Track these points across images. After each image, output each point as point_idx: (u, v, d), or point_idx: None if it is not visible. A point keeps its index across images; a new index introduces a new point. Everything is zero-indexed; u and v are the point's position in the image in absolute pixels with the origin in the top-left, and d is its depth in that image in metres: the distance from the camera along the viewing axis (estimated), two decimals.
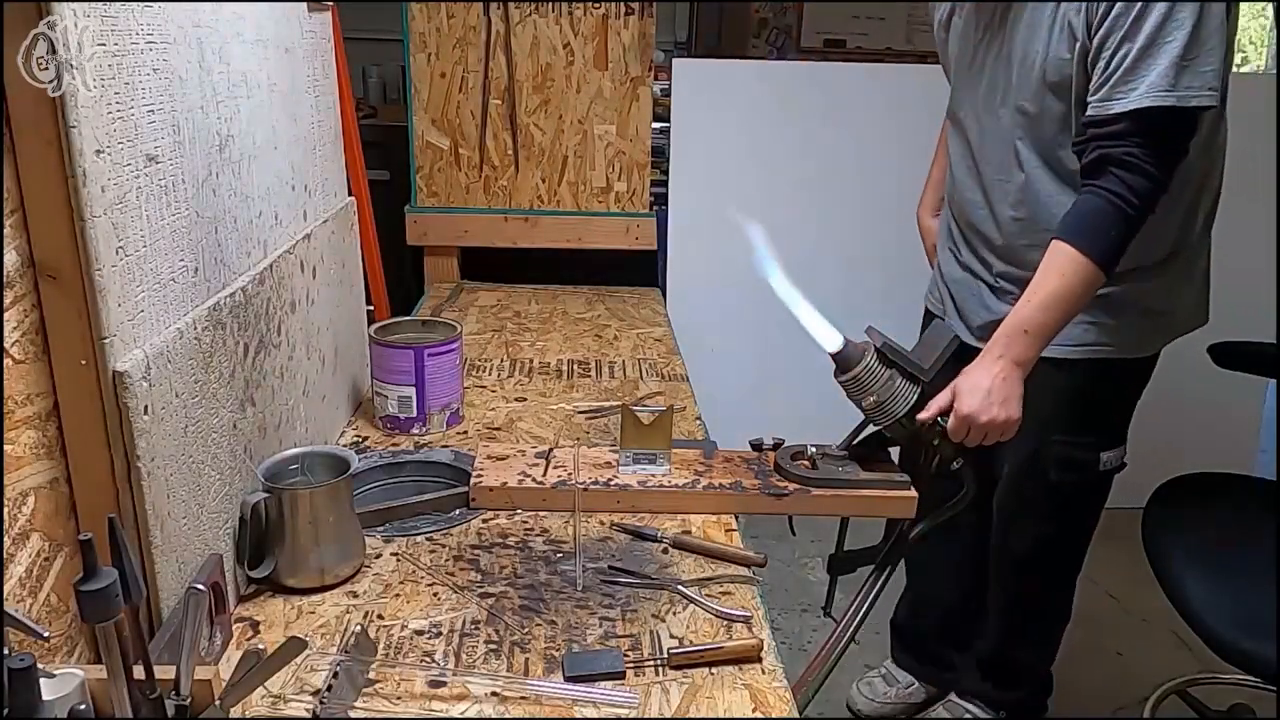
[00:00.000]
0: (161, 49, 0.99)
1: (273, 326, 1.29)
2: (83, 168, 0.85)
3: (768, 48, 4.51)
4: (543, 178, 2.54)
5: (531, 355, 2.08)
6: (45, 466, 0.90)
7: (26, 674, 0.72)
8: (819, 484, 1.41)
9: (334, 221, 1.62)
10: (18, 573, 0.86)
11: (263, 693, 0.99)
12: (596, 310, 2.44)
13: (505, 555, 1.29)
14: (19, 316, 0.86)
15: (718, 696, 1.03)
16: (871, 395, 1.38)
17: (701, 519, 1.39)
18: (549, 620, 1.15)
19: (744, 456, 1.51)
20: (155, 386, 0.96)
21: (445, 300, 2.46)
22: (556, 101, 2.48)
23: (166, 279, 1.01)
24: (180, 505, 1.02)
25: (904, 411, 1.38)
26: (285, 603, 1.17)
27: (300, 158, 1.46)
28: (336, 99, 1.66)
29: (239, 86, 1.21)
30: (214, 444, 1.10)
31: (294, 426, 1.38)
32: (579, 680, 1.03)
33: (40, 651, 0.88)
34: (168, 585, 1.00)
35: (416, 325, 1.74)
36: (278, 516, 1.17)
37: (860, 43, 4.43)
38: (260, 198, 1.29)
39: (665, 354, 2.13)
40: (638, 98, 2.49)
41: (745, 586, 1.24)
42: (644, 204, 2.58)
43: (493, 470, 1.44)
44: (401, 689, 1.02)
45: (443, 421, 1.67)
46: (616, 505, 1.41)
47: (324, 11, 1.59)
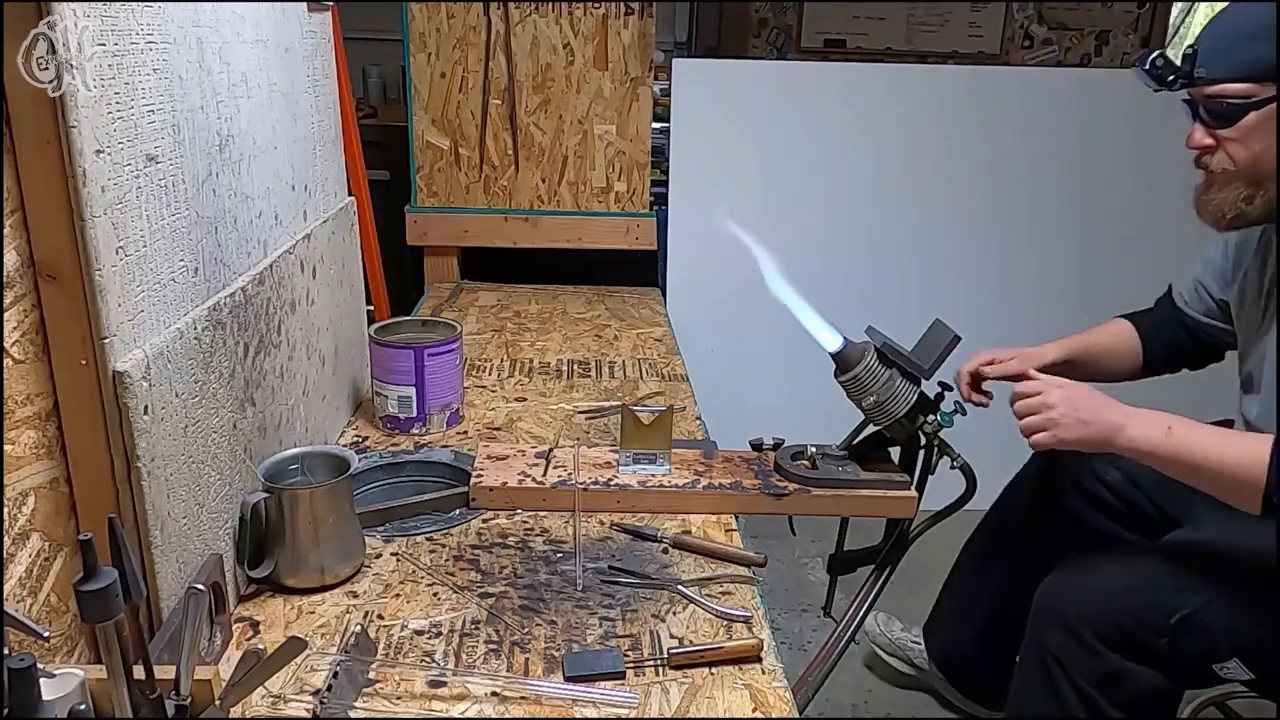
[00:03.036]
0: (161, 49, 0.99)
1: (273, 326, 1.29)
2: (83, 168, 0.85)
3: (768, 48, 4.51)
4: (543, 178, 2.54)
5: (531, 355, 2.08)
6: (45, 466, 0.90)
7: (26, 674, 0.72)
8: (819, 484, 1.42)
9: (334, 221, 1.62)
10: (18, 573, 0.86)
11: (263, 693, 0.99)
12: (596, 310, 2.44)
13: (505, 555, 1.29)
14: (19, 316, 0.86)
15: (718, 696, 1.03)
16: (871, 395, 1.38)
17: (701, 519, 1.39)
18: (549, 620, 1.15)
19: (744, 456, 1.51)
20: (155, 386, 0.96)
21: (445, 300, 2.46)
22: (556, 101, 2.48)
23: (166, 279, 1.01)
24: (180, 505, 1.02)
25: (904, 411, 1.38)
26: (285, 603, 1.17)
27: (300, 158, 1.46)
28: (336, 99, 1.66)
29: (239, 86, 1.21)
30: (214, 444, 1.10)
31: (294, 426, 1.38)
32: (579, 680, 1.03)
33: (40, 651, 0.88)
34: (168, 585, 1.00)
35: (416, 325, 1.74)
36: (278, 516, 1.17)
37: (860, 43, 4.43)
38: (260, 198, 1.29)
39: (665, 354, 2.13)
40: (638, 98, 2.49)
41: (745, 586, 1.24)
42: (644, 204, 2.58)
43: (493, 470, 1.44)
44: (401, 689, 1.02)
45: (443, 421, 1.67)
46: (616, 505, 1.41)
47: (324, 11, 1.59)
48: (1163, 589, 1.33)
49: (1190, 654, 1.31)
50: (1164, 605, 1.31)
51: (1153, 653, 1.31)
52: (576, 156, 2.53)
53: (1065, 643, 1.35)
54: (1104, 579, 1.40)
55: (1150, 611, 1.31)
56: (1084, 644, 1.33)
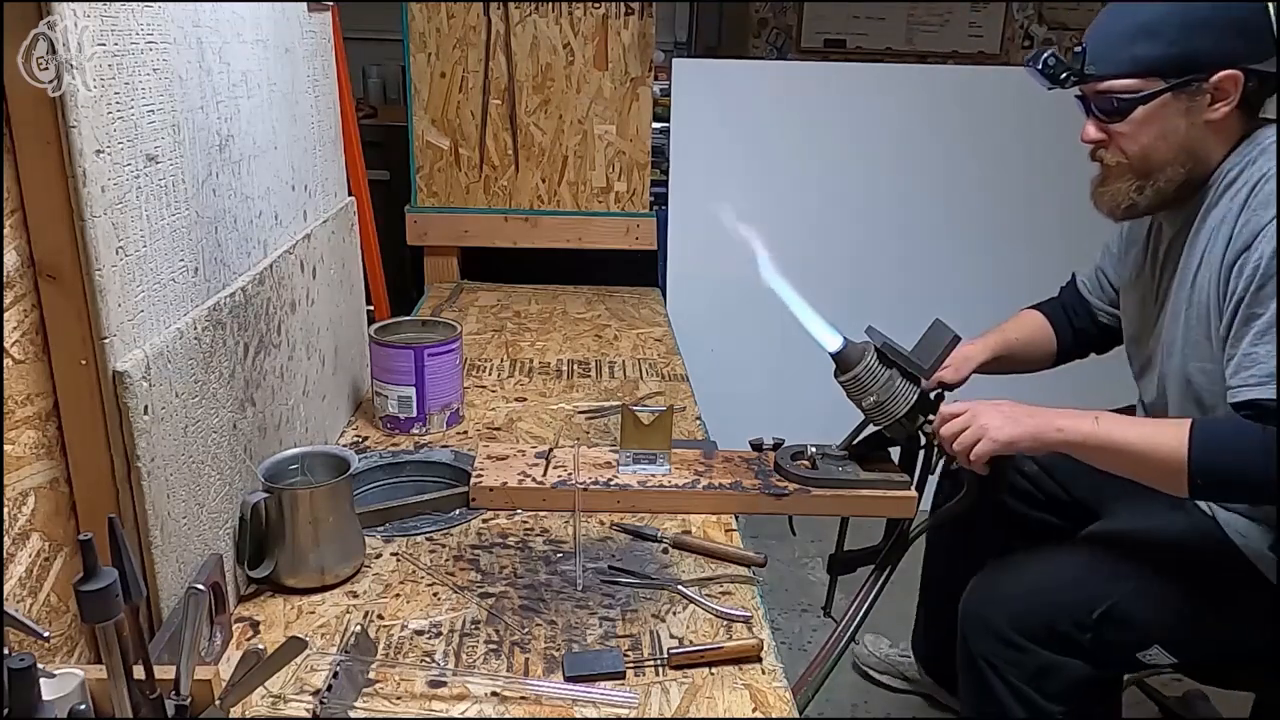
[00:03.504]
0: (161, 49, 0.99)
1: (273, 326, 1.29)
2: (83, 168, 0.85)
3: (768, 48, 4.51)
4: (543, 178, 2.54)
5: (531, 355, 2.08)
6: (45, 466, 0.90)
7: (26, 674, 0.72)
8: (819, 484, 1.41)
9: (334, 221, 1.62)
10: (18, 573, 0.86)
11: (263, 693, 0.99)
12: (596, 310, 2.44)
13: (505, 555, 1.29)
14: (19, 316, 0.86)
15: (718, 696, 1.03)
16: (871, 395, 1.38)
17: (701, 519, 1.39)
18: (549, 620, 1.15)
19: (744, 456, 1.51)
20: (155, 386, 0.96)
21: (445, 300, 2.46)
22: (556, 101, 2.48)
23: (166, 279, 1.01)
24: (180, 505, 1.02)
25: (904, 411, 1.38)
26: (285, 603, 1.17)
27: (300, 158, 1.46)
28: (336, 99, 1.66)
29: (239, 86, 1.21)
30: (214, 444, 1.10)
31: (294, 426, 1.38)
32: (579, 680, 1.03)
33: (40, 651, 0.88)
34: (168, 585, 1.00)
35: (416, 325, 1.74)
36: (278, 516, 1.17)
37: (860, 43, 4.43)
38: (260, 198, 1.29)
39: (665, 354, 2.13)
40: (638, 98, 2.49)
41: (745, 586, 1.24)
42: (644, 204, 2.58)
43: (493, 470, 1.44)
44: (401, 689, 1.02)
45: (443, 421, 1.67)
46: (616, 505, 1.41)
47: (324, 11, 1.59)
48: (1083, 584, 1.36)
49: (1114, 645, 1.34)
50: (1086, 601, 1.34)
51: (1078, 646, 1.34)
52: (576, 156, 2.53)
53: (995, 646, 1.38)
54: (1025, 579, 1.42)
55: (1073, 608, 1.34)
56: (1012, 644, 1.36)
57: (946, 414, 1.35)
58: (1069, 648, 1.34)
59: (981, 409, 1.33)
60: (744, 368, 2.67)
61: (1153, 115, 1.28)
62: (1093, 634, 1.33)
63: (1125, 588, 1.33)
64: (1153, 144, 1.30)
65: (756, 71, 2.79)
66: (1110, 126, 1.32)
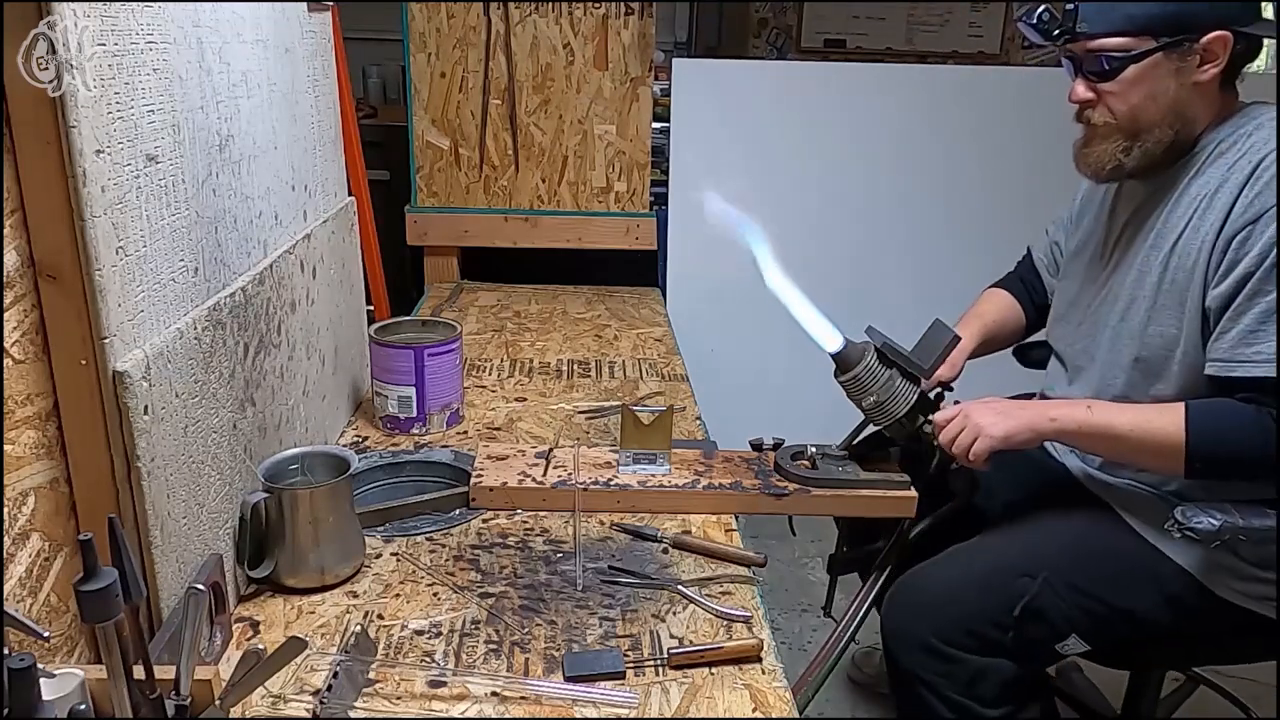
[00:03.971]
0: (161, 49, 0.99)
1: (273, 326, 1.29)
2: (83, 168, 0.85)
3: (768, 48, 4.52)
4: (543, 178, 2.54)
5: (531, 355, 2.08)
6: (45, 466, 0.90)
7: (26, 674, 0.72)
8: (819, 484, 1.41)
9: (334, 221, 1.62)
10: (18, 573, 0.86)
11: (263, 693, 0.99)
12: (596, 310, 2.44)
13: (505, 555, 1.29)
14: (19, 316, 0.86)
15: (718, 696, 1.03)
16: (871, 395, 1.38)
17: (701, 519, 1.39)
18: (549, 620, 1.15)
19: (744, 456, 1.51)
20: (155, 386, 0.96)
21: (445, 300, 2.46)
22: (556, 101, 2.48)
23: (166, 279, 1.01)
24: (180, 505, 1.02)
25: (904, 411, 1.38)
26: (285, 603, 1.17)
27: (300, 158, 1.46)
28: (336, 99, 1.66)
29: (239, 86, 1.21)
30: (214, 444, 1.10)
31: (294, 426, 1.38)
32: (579, 680, 1.03)
33: (40, 651, 0.88)
34: (168, 585, 1.00)
35: (416, 325, 1.74)
36: (278, 516, 1.17)
37: (860, 43, 4.43)
38: (260, 198, 1.29)
39: (665, 354, 2.13)
40: (638, 98, 2.49)
41: (745, 586, 1.24)
42: (644, 204, 2.58)
43: (493, 470, 1.44)
44: (401, 689, 1.02)
45: (443, 421, 1.67)
46: (616, 505, 1.41)
47: (324, 11, 1.59)
48: (997, 585, 1.36)
49: (1035, 640, 1.35)
50: (1004, 600, 1.34)
51: (1002, 646, 1.34)
52: (576, 156, 2.53)
53: (923, 659, 1.37)
54: (938, 588, 1.41)
55: (993, 609, 1.34)
56: (939, 654, 1.35)
57: (941, 420, 1.36)
58: (994, 649, 1.34)
59: (973, 409, 1.34)
60: (744, 368, 2.67)
61: (1143, 75, 1.28)
62: (1014, 632, 1.33)
63: (1038, 581, 1.34)
64: (1142, 104, 1.30)
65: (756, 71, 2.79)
66: (1100, 86, 1.32)
